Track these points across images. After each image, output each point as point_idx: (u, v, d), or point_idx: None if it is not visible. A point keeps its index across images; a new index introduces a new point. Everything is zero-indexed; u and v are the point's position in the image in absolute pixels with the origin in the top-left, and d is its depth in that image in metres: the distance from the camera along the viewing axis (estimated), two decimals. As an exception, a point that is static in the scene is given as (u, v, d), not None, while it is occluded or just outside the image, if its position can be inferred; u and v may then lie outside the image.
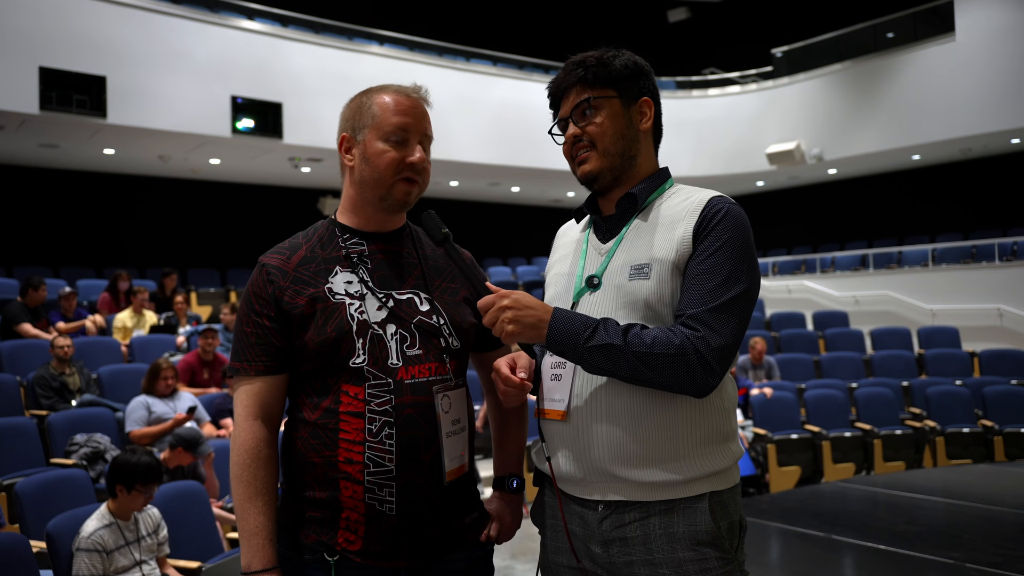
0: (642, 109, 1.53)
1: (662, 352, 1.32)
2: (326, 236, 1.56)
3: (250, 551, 1.43)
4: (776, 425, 6.65)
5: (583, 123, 1.51)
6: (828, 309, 11.76)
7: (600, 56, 1.52)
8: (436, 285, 1.59)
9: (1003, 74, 11.14)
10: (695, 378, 1.33)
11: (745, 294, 1.39)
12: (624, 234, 1.50)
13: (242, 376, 1.50)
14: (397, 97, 1.54)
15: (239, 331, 1.51)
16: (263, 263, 1.51)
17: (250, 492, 1.44)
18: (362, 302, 1.49)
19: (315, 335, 1.45)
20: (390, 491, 1.43)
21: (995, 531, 3.52)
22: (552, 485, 1.52)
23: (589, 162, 1.51)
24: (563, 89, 1.54)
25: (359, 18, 12.40)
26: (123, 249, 12.32)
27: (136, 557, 3.15)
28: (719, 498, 1.42)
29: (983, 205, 13.53)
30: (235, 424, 1.49)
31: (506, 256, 15.24)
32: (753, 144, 13.83)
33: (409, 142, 1.52)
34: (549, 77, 1.58)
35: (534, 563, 1.62)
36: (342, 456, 1.44)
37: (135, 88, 9.50)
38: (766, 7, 15.76)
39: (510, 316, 1.37)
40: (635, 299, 1.41)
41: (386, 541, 1.44)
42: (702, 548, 1.38)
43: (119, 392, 5.78)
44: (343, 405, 1.45)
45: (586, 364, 1.38)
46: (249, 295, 1.51)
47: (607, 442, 1.40)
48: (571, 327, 1.37)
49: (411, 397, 1.46)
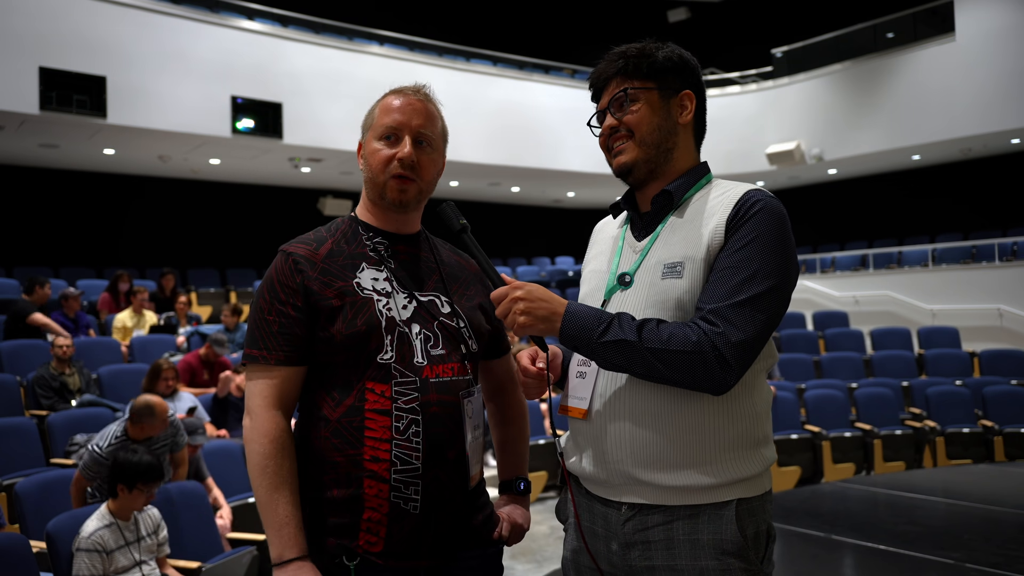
0: (683, 102, 1.49)
1: (678, 348, 1.28)
2: (349, 232, 1.56)
3: (281, 541, 1.39)
4: (776, 425, 6.64)
5: (620, 113, 1.48)
6: (828, 309, 11.76)
7: (642, 48, 1.49)
8: (454, 290, 1.60)
9: (1003, 74, 11.14)
10: (712, 375, 1.28)
11: (774, 290, 1.32)
12: (659, 232, 1.46)
13: (260, 365, 1.45)
14: (392, 97, 1.56)
15: (259, 319, 1.47)
16: (289, 252, 1.49)
17: (276, 482, 1.40)
18: (389, 299, 1.49)
19: (344, 328, 1.43)
20: (416, 489, 1.43)
21: (995, 531, 3.52)
22: (576, 484, 1.51)
23: (625, 153, 1.48)
24: (603, 80, 1.52)
25: (359, 18, 12.40)
26: (123, 249, 12.31)
27: (136, 557, 3.15)
28: (747, 505, 1.37)
29: (983, 205, 13.52)
30: (252, 414, 1.44)
31: (506, 256, 15.24)
32: (753, 144, 13.83)
33: (400, 140, 1.53)
34: (549, 77, 1.57)
35: (534, 563, 1.63)
36: (368, 454, 1.42)
37: (135, 88, 9.50)
38: (766, 7, 15.76)
39: (522, 308, 1.36)
40: (666, 298, 1.38)
41: (408, 541, 1.44)
42: (726, 558, 1.34)
43: (119, 392, 5.78)
44: (368, 403, 1.43)
45: (600, 360, 1.35)
46: (274, 283, 1.47)
47: (628, 443, 1.38)
48: (585, 321, 1.34)
49: (436, 395, 1.46)
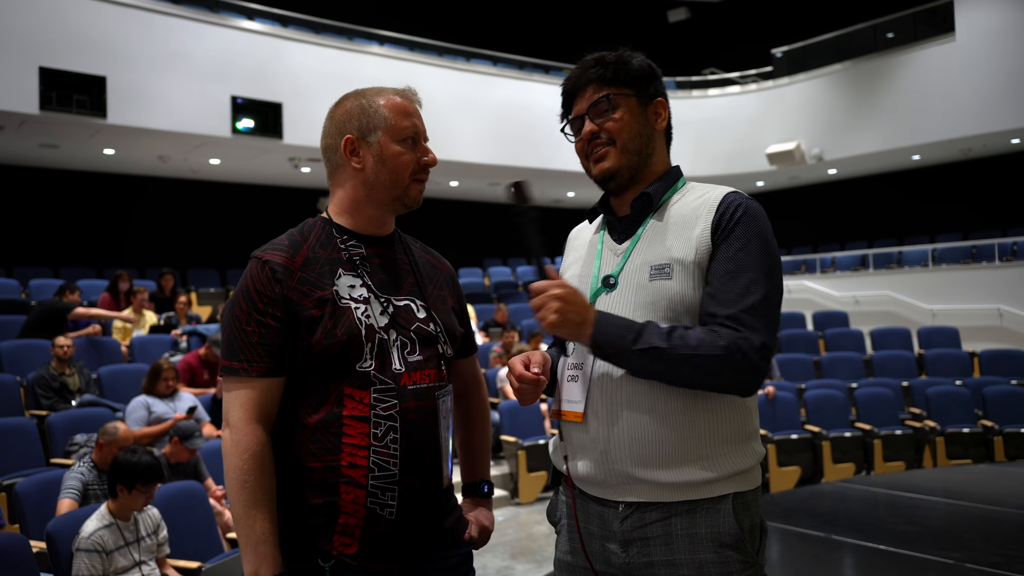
0: (657, 109, 1.53)
1: (708, 353, 1.31)
2: (323, 236, 1.53)
3: (257, 558, 1.38)
4: (776, 425, 6.65)
5: (601, 120, 1.49)
6: (828, 309, 11.76)
7: (618, 56, 1.51)
8: (428, 292, 1.60)
9: (1003, 74, 11.14)
10: (743, 378, 1.33)
11: (774, 291, 1.38)
12: (640, 234, 1.48)
13: (240, 377, 1.43)
14: (403, 100, 1.55)
15: (236, 329, 1.44)
16: (265, 260, 1.45)
17: (256, 498, 1.39)
18: (367, 306, 1.48)
19: (323, 337, 1.42)
20: (392, 495, 1.43)
21: (995, 531, 3.51)
22: (568, 485, 1.51)
23: (607, 159, 1.49)
24: (579, 87, 1.52)
25: (359, 18, 12.39)
26: (123, 249, 12.30)
27: (136, 557, 3.15)
28: (742, 499, 1.40)
29: (983, 205, 13.52)
30: (232, 428, 1.42)
31: (506, 256, 15.22)
32: (753, 144, 13.83)
33: (419, 143, 1.55)
34: (549, 77, 1.57)
35: (534, 563, 1.63)
36: (345, 460, 1.42)
37: (135, 88, 9.50)
38: (766, 7, 15.76)
39: (557, 307, 1.35)
40: (657, 299, 1.40)
41: (382, 543, 1.44)
42: (724, 550, 1.36)
43: (119, 392, 5.79)
44: (347, 409, 1.43)
45: (631, 367, 1.36)
46: (251, 292, 1.44)
47: (627, 444, 1.40)
48: (616, 330, 1.36)
49: (414, 402, 1.47)
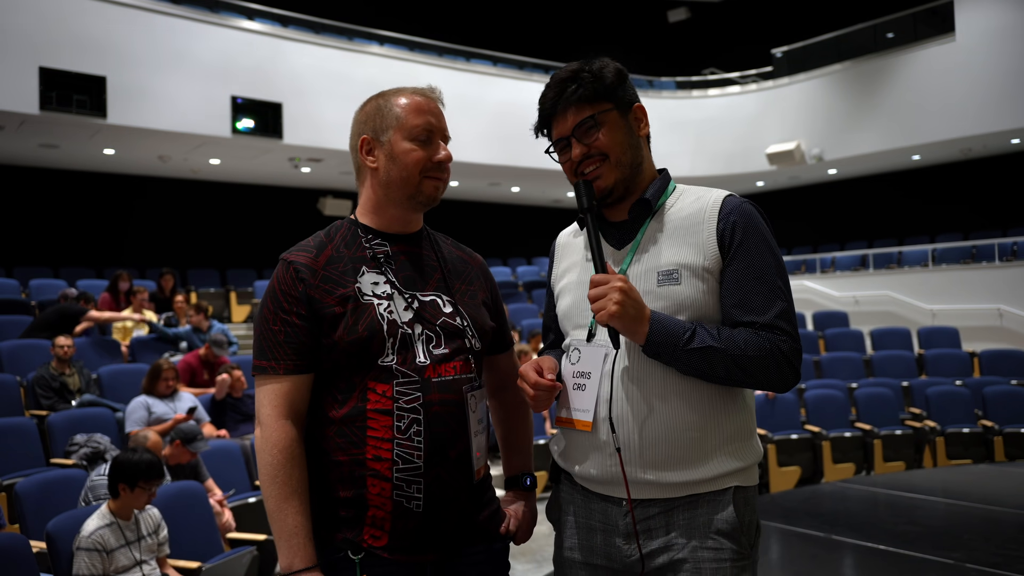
0: (637, 115, 1.53)
1: (755, 355, 1.38)
2: (349, 236, 1.56)
3: (290, 551, 1.41)
4: (776, 425, 6.65)
5: (589, 140, 1.49)
6: (828, 309, 11.76)
7: (591, 70, 1.50)
8: (456, 288, 1.61)
9: (1003, 74, 11.14)
10: (785, 377, 1.41)
11: (790, 291, 1.46)
12: (640, 239, 1.50)
13: (269, 375, 1.48)
14: (417, 98, 1.56)
15: (264, 329, 1.49)
16: (290, 260, 1.50)
17: (286, 492, 1.43)
18: (390, 302, 1.50)
19: (345, 334, 1.45)
20: (418, 488, 1.45)
21: (995, 531, 3.52)
22: (569, 482, 1.54)
23: (603, 177, 1.49)
24: (560, 109, 1.51)
25: (359, 18, 12.40)
26: (123, 249, 12.31)
27: (136, 557, 3.15)
28: (743, 494, 1.45)
29: (983, 205, 13.52)
30: (263, 424, 1.46)
31: (506, 256, 15.23)
32: (753, 144, 13.83)
33: (433, 141, 1.55)
34: (549, 77, 1.56)
35: (534, 563, 1.63)
36: (370, 453, 1.44)
37: (135, 88, 9.50)
38: (766, 7, 15.76)
39: (618, 299, 1.36)
40: (667, 304, 1.43)
41: (413, 536, 1.45)
42: (720, 538, 1.41)
43: (119, 392, 5.79)
44: (371, 403, 1.45)
45: (681, 365, 1.40)
46: (276, 293, 1.49)
47: (637, 449, 1.42)
48: (672, 328, 1.39)
49: (439, 395, 1.48)
